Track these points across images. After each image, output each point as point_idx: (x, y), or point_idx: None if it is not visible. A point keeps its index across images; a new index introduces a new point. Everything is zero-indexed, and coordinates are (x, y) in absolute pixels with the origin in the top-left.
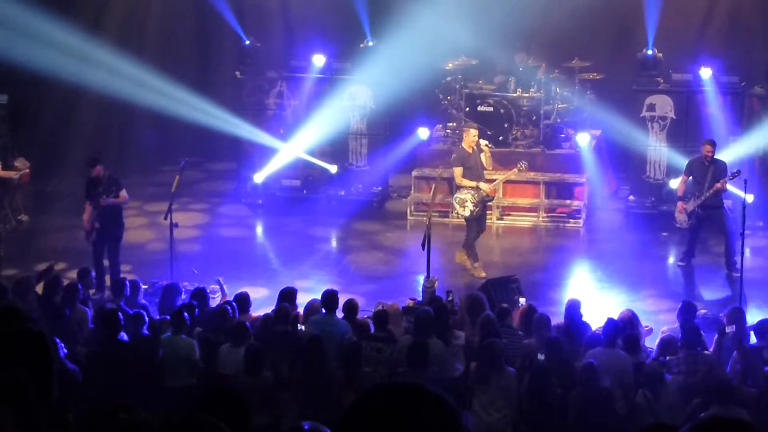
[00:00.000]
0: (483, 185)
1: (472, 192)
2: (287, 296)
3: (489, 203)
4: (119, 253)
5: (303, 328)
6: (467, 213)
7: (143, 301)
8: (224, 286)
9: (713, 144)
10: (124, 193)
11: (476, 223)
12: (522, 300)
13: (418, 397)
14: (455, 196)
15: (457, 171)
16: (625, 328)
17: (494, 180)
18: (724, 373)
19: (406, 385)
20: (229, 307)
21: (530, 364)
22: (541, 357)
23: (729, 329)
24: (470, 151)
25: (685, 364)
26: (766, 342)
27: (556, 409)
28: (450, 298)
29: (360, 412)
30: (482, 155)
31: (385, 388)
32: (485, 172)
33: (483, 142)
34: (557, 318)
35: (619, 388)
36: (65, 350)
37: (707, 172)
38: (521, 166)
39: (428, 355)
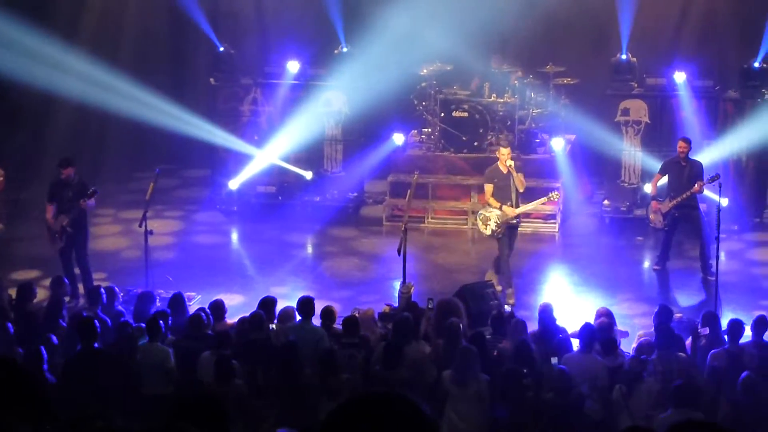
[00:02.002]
0: (506, 209)
1: (497, 212)
2: (266, 305)
3: (516, 224)
4: (88, 260)
5: (274, 327)
6: (488, 232)
7: (120, 308)
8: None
9: (688, 141)
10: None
11: (505, 243)
12: (507, 306)
13: (398, 407)
14: (479, 212)
15: (487, 188)
16: (602, 331)
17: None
18: (700, 376)
19: (385, 394)
20: (203, 314)
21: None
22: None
23: (702, 331)
24: (504, 170)
25: (660, 365)
26: (737, 343)
27: (529, 412)
28: (430, 306)
29: (339, 421)
30: (516, 178)
31: (364, 397)
32: (519, 194)
33: (509, 162)
34: (533, 323)
35: (594, 392)
36: (46, 362)
37: (683, 172)
38: (552, 196)
39: (401, 358)
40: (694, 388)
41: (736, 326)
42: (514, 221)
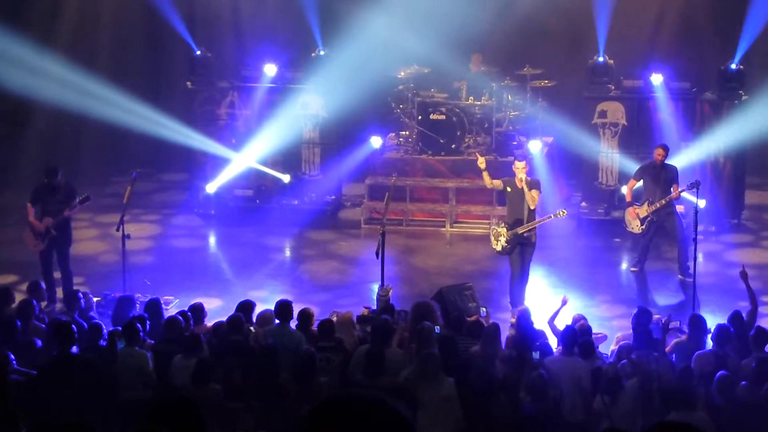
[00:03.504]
0: (501, 225)
1: (507, 228)
2: (244, 309)
3: (527, 240)
4: (70, 264)
5: (254, 330)
6: (499, 248)
7: (94, 314)
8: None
9: (666, 148)
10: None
11: (516, 260)
12: (483, 309)
13: (375, 409)
14: (493, 227)
15: (496, 182)
16: (582, 334)
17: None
18: (675, 375)
19: (363, 396)
20: (181, 318)
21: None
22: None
23: (673, 324)
24: (518, 185)
25: (639, 366)
26: (723, 348)
27: (503, 416)
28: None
29: (317, 422)
30: (527, 194)
31: (341, 399)
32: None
33: (521, 176)
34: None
35: (576, 395)
36: (15, 363)
37: (659, 176)
38: (559, 213)
39: (384, 363)
40: (688, 390)
41: (723, 331)
42: (526, 235)
